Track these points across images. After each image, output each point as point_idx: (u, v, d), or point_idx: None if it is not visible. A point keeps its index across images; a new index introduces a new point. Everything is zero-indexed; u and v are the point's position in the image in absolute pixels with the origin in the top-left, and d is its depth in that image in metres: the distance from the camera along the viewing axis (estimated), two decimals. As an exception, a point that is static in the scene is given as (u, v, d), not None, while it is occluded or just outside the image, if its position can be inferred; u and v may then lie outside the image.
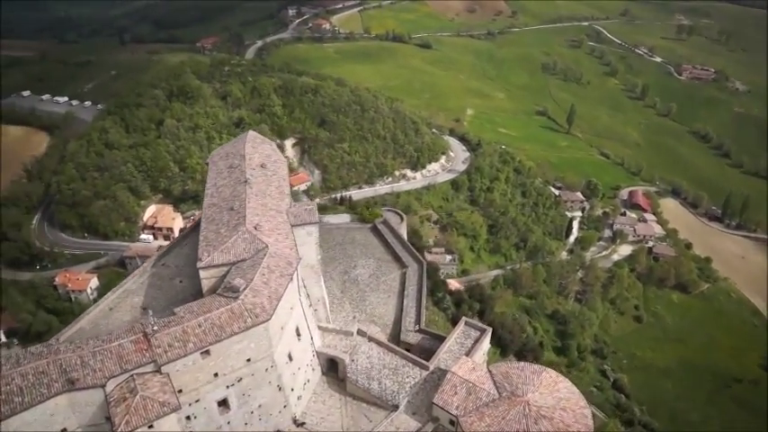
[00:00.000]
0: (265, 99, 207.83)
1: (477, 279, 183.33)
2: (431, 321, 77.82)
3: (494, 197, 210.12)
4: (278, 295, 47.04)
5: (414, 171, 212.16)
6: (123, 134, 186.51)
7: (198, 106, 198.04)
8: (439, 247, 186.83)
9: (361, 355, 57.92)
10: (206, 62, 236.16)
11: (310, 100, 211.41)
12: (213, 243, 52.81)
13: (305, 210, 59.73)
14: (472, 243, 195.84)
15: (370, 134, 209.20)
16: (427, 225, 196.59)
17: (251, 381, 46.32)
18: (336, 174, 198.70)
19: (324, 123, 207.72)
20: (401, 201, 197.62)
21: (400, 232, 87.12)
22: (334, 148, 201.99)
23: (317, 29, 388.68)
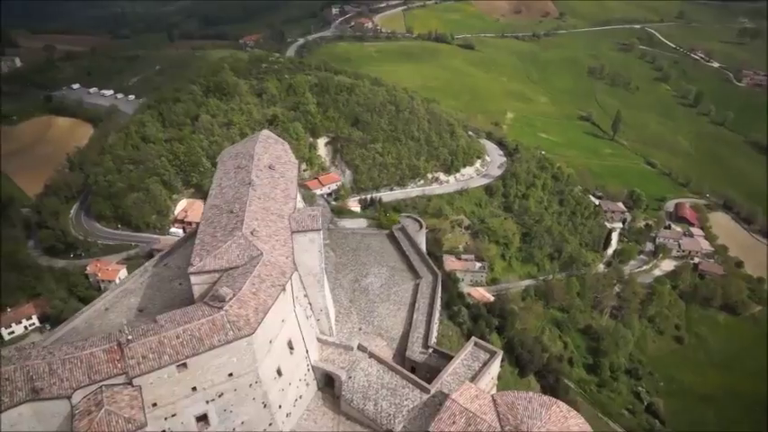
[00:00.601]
0: (300, 97, 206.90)
1: (506, 288, 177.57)
2: (444, 336, 73.86)
3: (529, 204, 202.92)
4: (266, 307, 44.33)
5: (447, 174, 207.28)
6: (160, 128, 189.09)
7: (233, 102, 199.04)
8: (469, 254, 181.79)
9: (360, 372, 54.68)
10: (245, 59, 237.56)
11: (345, 99, 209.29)
12: (207, 247, 50.68)
13: (308, 215, 56.89)
14: (504, 251, 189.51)
15: (404, 135, 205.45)
16: (458, 231, 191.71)
17: (233, 396, 43.79)
18: (367, 174, 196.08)
19: (357, 123, 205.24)
20: (432, 204, 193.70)
21: (418, 240, 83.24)
22: (366, 148, 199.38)
23: (359, 27, 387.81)
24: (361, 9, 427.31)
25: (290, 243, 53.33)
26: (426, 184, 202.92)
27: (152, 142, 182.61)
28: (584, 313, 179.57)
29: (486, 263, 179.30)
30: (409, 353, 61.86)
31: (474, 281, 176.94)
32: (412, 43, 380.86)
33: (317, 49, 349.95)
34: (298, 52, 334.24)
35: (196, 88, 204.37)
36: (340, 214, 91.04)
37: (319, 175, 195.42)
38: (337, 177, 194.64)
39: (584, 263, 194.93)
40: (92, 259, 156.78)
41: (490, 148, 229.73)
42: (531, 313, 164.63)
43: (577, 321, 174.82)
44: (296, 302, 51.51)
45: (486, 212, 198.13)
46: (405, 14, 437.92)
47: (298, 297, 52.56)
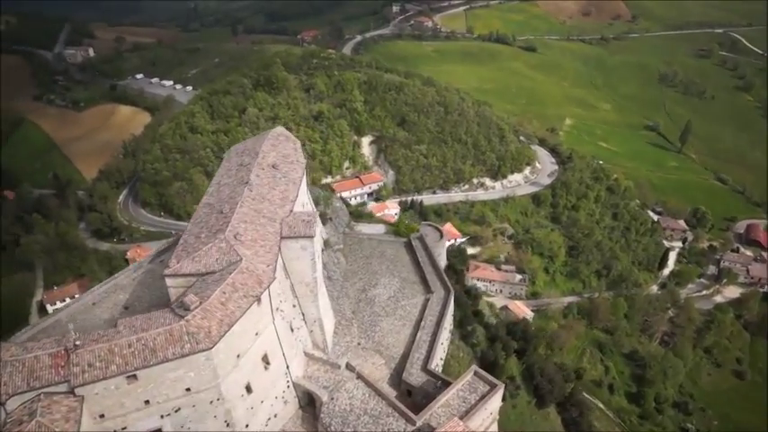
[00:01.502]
0: (348, 94, 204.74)
1: (547, 304, 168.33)
2: (453, 358, 68.49)
3: (578, 216, 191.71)
4: (232, 320, 41.00)
5: (493, 180, 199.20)
6: (208, 119, 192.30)
7: (281, 97, 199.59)
8: (509, 265, 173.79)
9: (344, 393, 50.56)
10: (297, 54, 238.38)
11: (393, 98, 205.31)
12: (188, 248, 48.09)
13: (302, 221, 53.27)
14: (548, 264, 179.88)
15: (451, 137, 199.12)
16: (500, 239, 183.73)
17: (191, 412, 40.81)
18: (410, 176, 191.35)
19: (404, 123, 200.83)
20: (475, 210, 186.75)
21: (437, 251, 78.04)
22: (410, 149, 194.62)
23: (418, 26, 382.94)
24: (422, 8, 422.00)
25: (277, 249, 49.81)
26: (471, 189, 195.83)
27: (199, 133, 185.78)
28: (631, 337, 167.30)
29: (527, 275, 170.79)
30: (406, 375, 57.05)
31: (513, 293, 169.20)
32: (471, 44, 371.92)
33: (374, 46, 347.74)
34: (354, 49, 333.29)
35: (246, 81, 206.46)
36: (359, 218, 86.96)
37: (361, 174, 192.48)
38: (379, 177, 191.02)
39: (635, 282, 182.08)
40: (134, 244, 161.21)
41: (542, 155, 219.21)
42: (572, 332, 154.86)
43: (622, 345, 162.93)
44: (277, 314, 47.92)
45: (532, 222, 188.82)
46: (466, 14, 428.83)
47: (279, 308, 48.97)
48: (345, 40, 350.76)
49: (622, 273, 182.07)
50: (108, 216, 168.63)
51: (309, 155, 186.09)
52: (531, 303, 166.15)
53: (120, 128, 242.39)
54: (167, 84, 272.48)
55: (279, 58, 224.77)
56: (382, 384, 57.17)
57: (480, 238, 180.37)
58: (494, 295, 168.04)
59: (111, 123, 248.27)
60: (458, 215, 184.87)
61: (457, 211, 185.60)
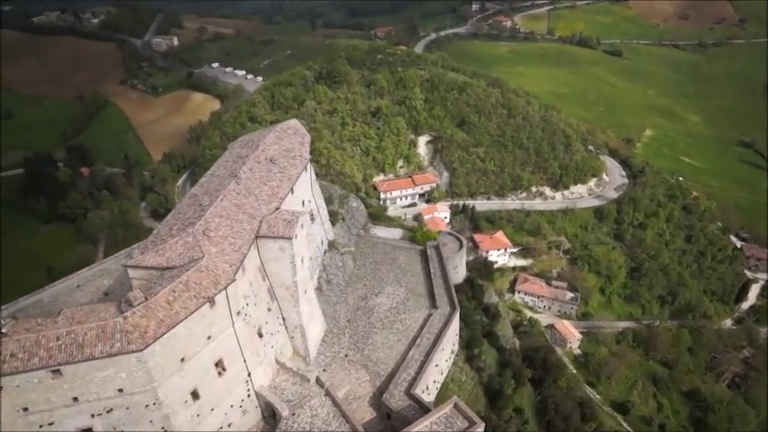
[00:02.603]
0: (409, 91, 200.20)
1: (599, 327, 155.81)
2: (454, 381, 62.75)
3: (645, 236, 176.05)
4: (174, 321, 38.34)
5: (553, 190, 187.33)
6: (267, 110, 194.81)
7: (340, 91, 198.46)
8: (562, 281, 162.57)
9: (307, 410, 46.80)
10: (363, 48, 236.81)
11: (454, 98, 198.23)
12: (157, 240, 46.03)
13: (283, 220, 49.90)
14: (604, 284, 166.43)
15: (512, 142, 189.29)
16: (554, 253, 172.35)
17: (125, 415, 38.62)
18: (464, 179, 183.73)
19: (463, 124, 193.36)
20: (530, 220, 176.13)
21: (455, 262, 72.30)
22: (468, 151, 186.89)
23: (495, 26, 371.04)
24: (502, 7, 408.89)
25: (246, 249, 46.73)
26: (528, 197, 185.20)
27: (258, 122, 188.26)
28: (694, 374, 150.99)
29: (579, 294, 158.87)
30: (387, 396, 52.33)
31: (562, 312, 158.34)
32: (550, 46, 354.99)
33: (448, 45, 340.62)
34: (426, 47, 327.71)
35: (309, 74, 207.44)
36: (377, 220, 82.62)
37: (414, 173, 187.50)
38: (432, 178, 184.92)
39: (704, 314, 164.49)
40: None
41: (611, 167, 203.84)
42: (624, 361, 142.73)
43: (682, 382, 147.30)
44: (239, 318, 44.85)
45: (592, 238, 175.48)
46: (549, 15, 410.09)
47: (244, 312, 45.84)
48: (419, 38, 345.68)
49: (690, 302, 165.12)
50: (165, 198, 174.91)
51: (363, 151, 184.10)
52: (582, 324, 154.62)
53: (191, 114, 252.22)
54: (240, 73, 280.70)
55: (344, 52, 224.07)
56: (362, 403, 52.99)
57: (533, 250, 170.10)
58: (541, 311, 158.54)
59: (185, 109, 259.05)
60: (511, 224, 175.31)
61: (510, 220, 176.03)
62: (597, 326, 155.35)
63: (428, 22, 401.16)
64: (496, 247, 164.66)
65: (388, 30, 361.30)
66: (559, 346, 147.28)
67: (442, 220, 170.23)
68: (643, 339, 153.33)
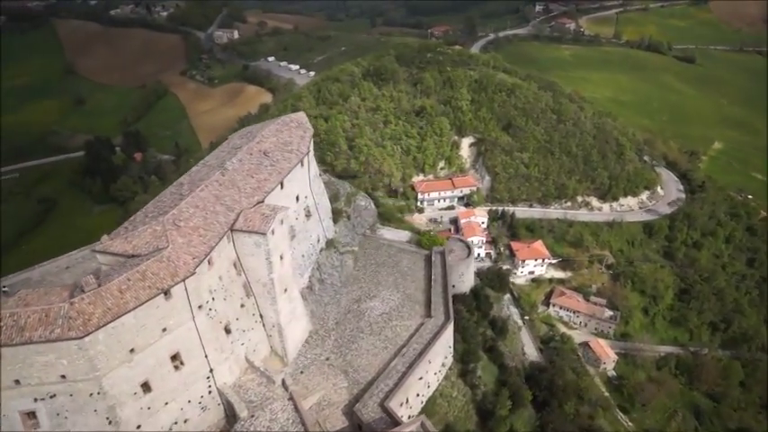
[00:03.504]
0: (455, 92, 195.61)
1: (638, 349, 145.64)
2: (443, 396, 59.30)
3: (700, 256, 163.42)
4: (121, 310, 37.51)
5: (601, 201, 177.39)
6: (312, 104, 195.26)
7: (386, 89, 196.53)
8: (601, 298, 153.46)
9: (266, 413, 45.04)
10: (413, 46, 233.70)
11: (502, 100, 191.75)
12: (130, 226, 45.57)
13: (260, 215, 48.38)
14: (649, 305, 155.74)
15: (559, 149, 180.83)
16: (596, 267, 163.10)
17: (68, 402, 38.12)
18: (506, 185, 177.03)
19: (509, 127, 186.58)
20: (573, 231, 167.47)
21: (460, 270, 68.58)
22: (512, 155, 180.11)
23: (558, 28, 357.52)
24: (567, 8, 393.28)
25: (215, 242, 45.43)
26: (573, 207, 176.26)
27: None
28: (744, 411, 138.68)
29: (619, 313, 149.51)
30: (359, 406, 49.87)
31: (599, 330, 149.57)
32: (616, 50, 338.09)
33: (506, 46, 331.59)
34: (484, 47, 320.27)
35: (356, 70, 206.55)
36: (386, 221, 79.80)
37: (454, 175, 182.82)
38: (473, 182, 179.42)
39: (762, 346, 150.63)
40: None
41: (667, 180, 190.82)
42: (663, 389, 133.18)
43: (729, 418, 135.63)
44: (201, 312, 43.59)
45: (638, 254, 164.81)
46: (618, 17, 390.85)
47: (208, 306, 44.55)
48: (477, 38, 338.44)
49: (747, 331, 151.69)
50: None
51: (404, 150, 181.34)
52: (619, 345, 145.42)
53: (243, 105, 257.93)
54: (294, 68, 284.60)
55: (393, 50, 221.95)
56: (335, 410, 50.78)
57: (573, 263, 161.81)
58: (576, 327, 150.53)
59: (237, 101, 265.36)
60: (552, 234, 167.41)
61: (552, 229, 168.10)
62: (636, 348, 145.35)
63: (489, 22, 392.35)
64: (534, 257, 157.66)
65: (445, 29, 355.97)
66: (592, 365, 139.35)
67: (478, 225, 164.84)
68: (688, 367, 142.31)
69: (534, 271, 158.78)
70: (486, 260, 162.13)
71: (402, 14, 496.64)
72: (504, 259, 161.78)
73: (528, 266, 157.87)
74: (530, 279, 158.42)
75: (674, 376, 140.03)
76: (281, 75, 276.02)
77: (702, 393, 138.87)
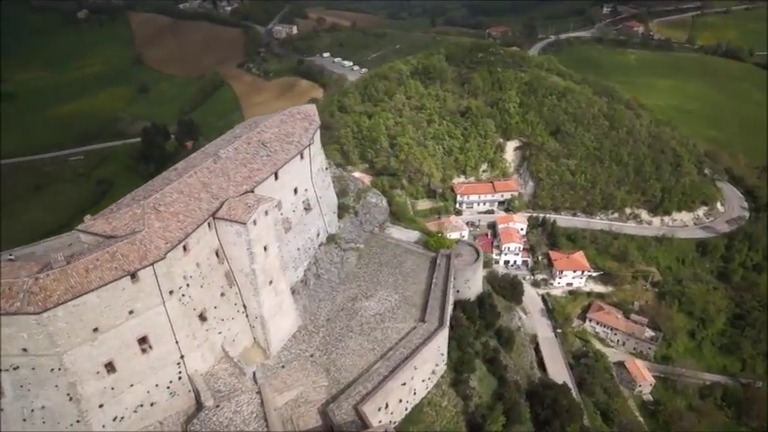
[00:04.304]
0: (504, 93, 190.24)
1: (680, 375, 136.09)
2: (432, 406, 56.90)
3: (759, 280, 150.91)
4: (83, 289, 37.87)
5: (651, 214, 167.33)
6: (358, 101, 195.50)
7: (432, 87, 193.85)
8: (643, 316, 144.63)
9: (232, 405, 44.49)
10: (465, 46, 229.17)
11: (552, 103, 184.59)
12: (115, 208, 46.24)
13: (244, 204, 47.85)
14: (696, 328, 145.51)
15: (609, 157, 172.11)
16: (641, 284, 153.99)
17: (31, 375, 38.94)
18: (549, 191, 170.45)
19: (557, 132, 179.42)
20: (618, 244, 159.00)
21: (467, 275, 65.87)
22: (557, 162, 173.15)
23: (624, 31, 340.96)
24: (638, 11, 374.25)
25: (192, 229, 45.26)
26: (619, 218, 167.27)
27: (346, 112, 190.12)
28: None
29: (661, 334, 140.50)
30: (332, 407, 48.48)
31: (638, 350, 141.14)
32: (687, 56, 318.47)
33: (567, 49, 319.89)
34: (543, 50, 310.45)
35: (405, 68, 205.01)
36: (397, 220, 77.73)
37: (496, 179, 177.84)
38: (515, 186, 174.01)
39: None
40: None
41: (729, 196, 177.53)
42: (706, 420, 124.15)
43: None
44: (173, 297, 43.56)
45: (688, 273, 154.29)
46: (694, 21, 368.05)
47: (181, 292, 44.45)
48: (537, 40, 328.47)
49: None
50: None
51: (446, 151, 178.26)
52: (659, 368, 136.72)
53: (295, 99, 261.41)
54: (347, 64, 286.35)
55: (445, 48, 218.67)
56: (311, 408, 49.71)
57: (615, 277, 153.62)
58: (612, 346, 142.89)
59: (290, 95, 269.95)
60: (594, 245, 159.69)
61: (595, 241, 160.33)
62: (678, 373, 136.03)
63: (551, 23, 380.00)
64: (572, 268, 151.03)
65: (504, 30, 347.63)
66: (627, 387, 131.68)
67: (516, 232, 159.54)
68: (736, 400, 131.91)
69: (572, 283, 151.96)
70: (523, 268, 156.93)
71: (463, 14, 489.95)
72: (542, 269, 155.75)
73: (566, 277, 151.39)
74: (566, 291, 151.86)
75: (719, 408, 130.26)
76: (334, 71, 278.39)
77: (751, 428, 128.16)
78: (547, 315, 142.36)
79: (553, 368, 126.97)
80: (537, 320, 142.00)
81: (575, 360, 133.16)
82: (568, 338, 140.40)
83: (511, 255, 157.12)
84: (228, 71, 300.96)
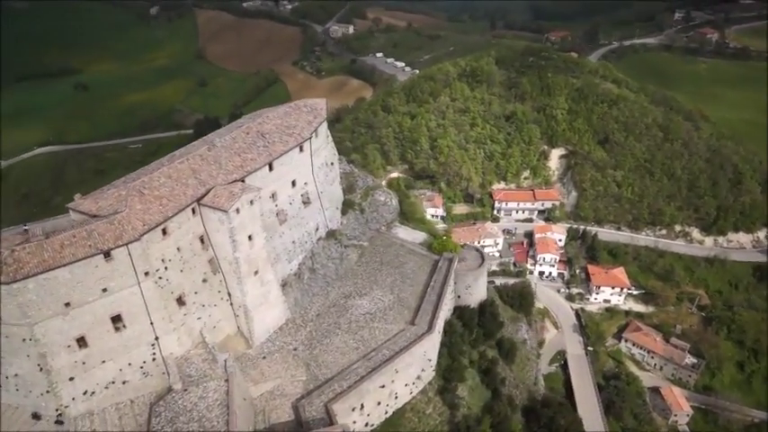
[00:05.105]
0: (552, 99, 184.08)
1: (724, 408, 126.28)
2: (413, 410, 55.27)
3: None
4: (54, 264, 39.06)
5: (704, 233, 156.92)
6: (403, 101, 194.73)
7: (478, 90, 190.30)
8: (684, 341, 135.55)
9: (198, 390, 44.71)
10: (518, 50, 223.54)
11: (602, 111, 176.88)
12: (105, 188, 47.72)
13: (228, 192, 48.07)
14: (746, 359, 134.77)
15: (661, 170, 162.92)
16: (685, 307, 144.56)
17: (5, 342, 40.65)
18: (593, 203, 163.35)
19: (606, 142, 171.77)
20: (663, 263, 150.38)
21: (468, 281, 63.71)
22: (603, 172, 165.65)
23: (697, 38, 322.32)
24: (713, 17, 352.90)
25: (172, 213, 45.89)
26: (667, 236, 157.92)
27: (389, 112, 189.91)
28: None
29: (705, 361, 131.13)
30: (303, 402, 47.93)
31: (676, 377, 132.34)
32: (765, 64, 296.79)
33: (631, 55, 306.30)
34: (603, 56, 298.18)
35: (452, 70, 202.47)
36: (406, 220, 76.03)
37: (538, 187, 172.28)
38: (556, 195, 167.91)
39: None
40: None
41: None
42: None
43: None
44: (149, 278, 44.31)
45: (741, 299, 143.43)
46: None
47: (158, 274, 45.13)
48: (598, 46, 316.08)
49: None
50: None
51: (487, 155, 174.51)
52: (699, 398, 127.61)
53: (345, 98, 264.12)
54: (399, 65, 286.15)
55: (495, 51, 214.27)
56: (285, 402, 49.52)
57: (657, 297, 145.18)
58: (648, 369, 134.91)
59: (340, 93, 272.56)
60: (637, 262, 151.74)
61: (638, 257, 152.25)
62: (721, 406, 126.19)
63: (616, 29, 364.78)
64: (611, 284, 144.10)
65: (563, 34, 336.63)
66: (660, 415, 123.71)
67: (554, 243, 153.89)
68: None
69: (610, 300, 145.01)
70: (558, 281, 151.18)
71: (525, 18, 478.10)
72: (578, 283, 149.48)
73: (603, 294, 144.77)
74: (603, 308, 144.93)
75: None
76: (385, 71, 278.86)
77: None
78: (579, 331, 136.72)
79: (579, 387, 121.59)
80: (568, 336, 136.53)
81: (604, 381, 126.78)
82: (600, 357, 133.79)
83: (546, 266, 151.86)
84: (283, 68, 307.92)
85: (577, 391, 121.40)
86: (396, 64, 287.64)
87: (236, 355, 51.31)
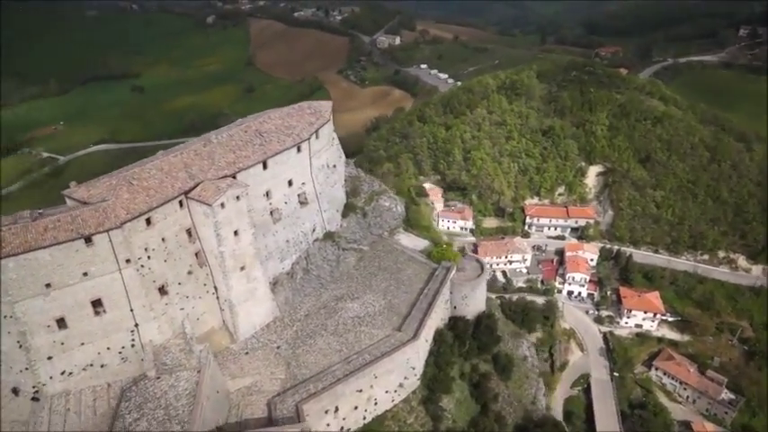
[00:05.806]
0: (593, 114, 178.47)
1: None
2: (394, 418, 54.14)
3: None
4: (34, 245, 40.69)
5: (750, 261, 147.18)
6: (439, 112, 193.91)
7: (516, 104, 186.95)
8: (721, 375, 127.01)
9: (170, 379, 45.38)
10: (560, 64, 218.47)
11: (645, 129, 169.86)
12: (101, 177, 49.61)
13: (215, 187, 48.88)
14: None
15: (705, 192, 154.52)
16: (725, 338, 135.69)
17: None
18: (629, 223, 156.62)
19: (647, 161, 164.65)
20: (702, 289, 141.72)
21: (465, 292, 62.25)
22: (642, 192, 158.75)
23: (762, 56, 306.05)
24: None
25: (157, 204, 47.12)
26: (709, 262, 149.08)
27: (425, 122, 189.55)
28: None
29: (743, 399, 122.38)
30: (276, 400, 47.96)
31: (710, 413, 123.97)
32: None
33: (686, 73, 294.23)
34: (656, 73, 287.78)
35: (492, 83, 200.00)
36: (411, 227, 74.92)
37: (572, 204, 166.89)
38: (591, 213, 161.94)
39: None
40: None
41: None
42: None
43: None
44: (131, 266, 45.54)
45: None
46: None
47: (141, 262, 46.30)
48: (651, 63, 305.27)
49: None
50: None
51: (521, 169, 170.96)
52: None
53: (386, 107, 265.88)
54: (443, 76, 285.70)
55: (537, 65, 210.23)
56: (261, 398, 49.61)
57: (695, 326, 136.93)
58: (680, 402, 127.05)
59: (382, 103, 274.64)
60: (674, 287, 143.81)
61: (675, 282, 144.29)
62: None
63: (671, 46, 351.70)
64: (644, 309, 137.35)
65: (614, 50, 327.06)
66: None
67: (585, 262, 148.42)
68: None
69: (642, 325, 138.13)
70: (588, 302, 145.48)
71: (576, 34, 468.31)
72: (608, 305, 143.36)
73: (634, 318, 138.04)
74: (634, 333, 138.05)
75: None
76: (428, 82, 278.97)
77: None
78: (606, 355, 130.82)
79: (601, 413, 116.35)
80: (594, 359, 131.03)
81: (629, 409, 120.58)
82: (627, 384, 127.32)
83: (576, 285, 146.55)
84: (328, 77, 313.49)
85: (599, 417, 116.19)
86: (439, 75, 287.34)
87: (218, 349, 51.86)
